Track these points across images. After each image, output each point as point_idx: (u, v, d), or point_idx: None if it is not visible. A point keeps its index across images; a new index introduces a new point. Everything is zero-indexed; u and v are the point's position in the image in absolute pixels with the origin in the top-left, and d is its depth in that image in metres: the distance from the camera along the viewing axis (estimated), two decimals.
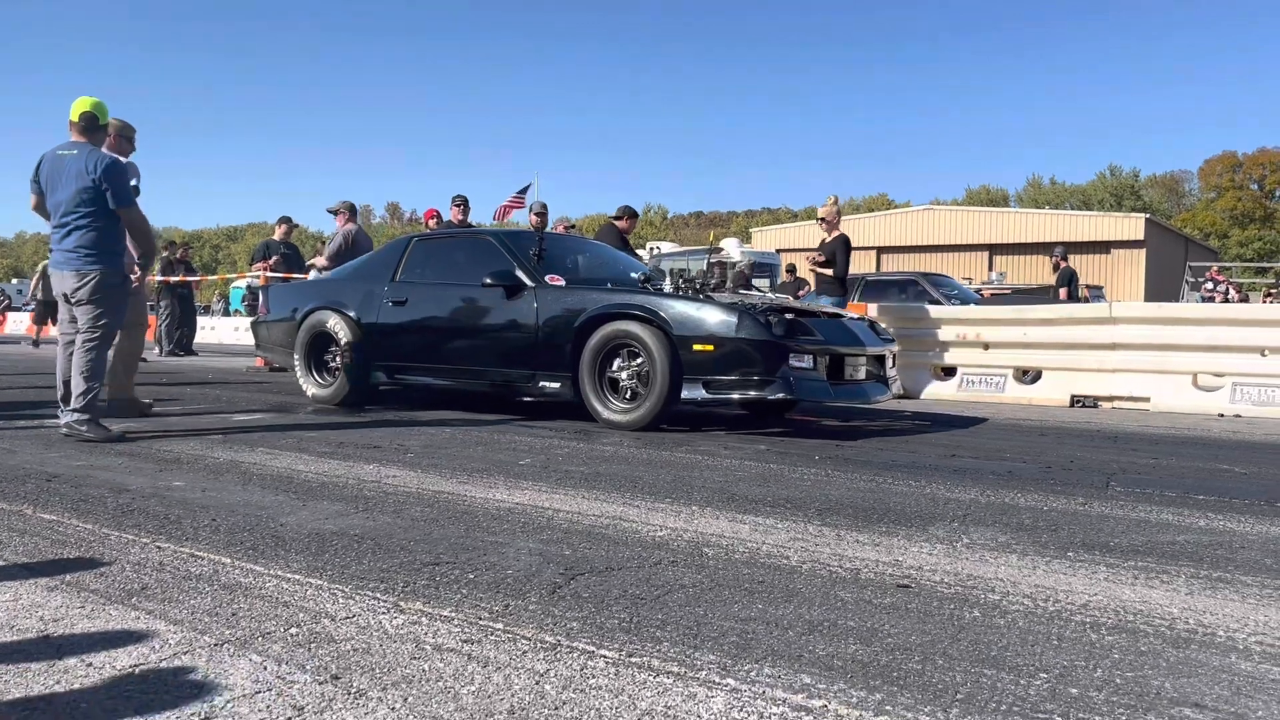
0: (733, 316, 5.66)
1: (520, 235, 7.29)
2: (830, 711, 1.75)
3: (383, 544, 2.94)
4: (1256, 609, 2.43)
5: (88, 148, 5.22)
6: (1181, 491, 4.14)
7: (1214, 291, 21.70)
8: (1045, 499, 3.90)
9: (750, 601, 2.41)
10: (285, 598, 2.38)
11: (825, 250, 9.05)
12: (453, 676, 1.89)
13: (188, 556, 2.77)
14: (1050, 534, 3.25)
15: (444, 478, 4.12)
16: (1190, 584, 2.65)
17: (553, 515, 3.40)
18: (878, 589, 2.55)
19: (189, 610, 2.27)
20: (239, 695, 1.78)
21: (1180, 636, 2.21)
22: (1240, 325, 8.23)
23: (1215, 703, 1.82)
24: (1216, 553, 3.02)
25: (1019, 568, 2.80)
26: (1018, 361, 9.22)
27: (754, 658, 2.01)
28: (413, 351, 6.93)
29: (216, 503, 3.53)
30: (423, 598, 2.40)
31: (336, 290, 7.44)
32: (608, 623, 2.22)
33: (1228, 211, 59.60)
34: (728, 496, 3.81)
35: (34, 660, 1.94)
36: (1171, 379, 8.42)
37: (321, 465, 4.40)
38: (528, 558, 2.80)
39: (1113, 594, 2.54)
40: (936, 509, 3.65)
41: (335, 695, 1.79)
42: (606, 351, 5.98)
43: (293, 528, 3.14)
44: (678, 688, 1.85)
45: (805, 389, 5.69)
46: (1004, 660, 2.03)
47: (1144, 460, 5.15)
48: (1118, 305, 8.90)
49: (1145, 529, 3.37)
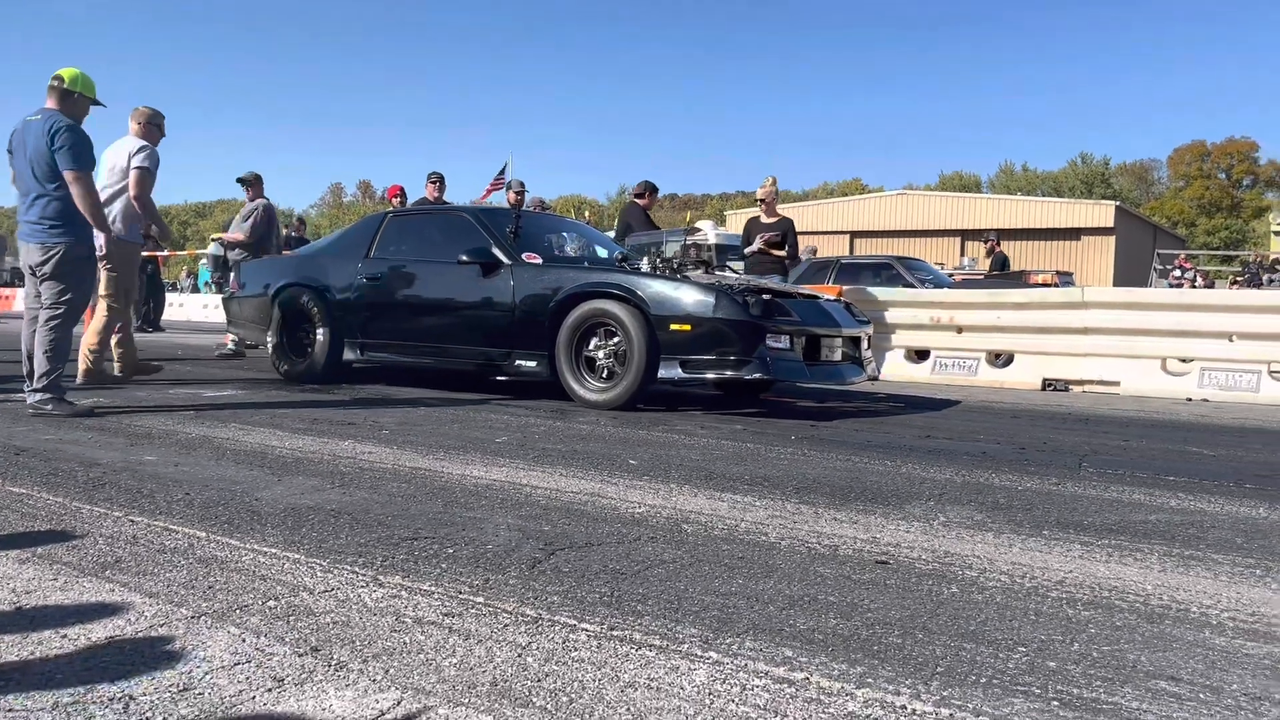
0: (710, 296, 5.65)
1: (497, 213, 7.25)
2: (812, 684, 1.76)
3: (360, 519, 2.92)
4: (1228, 586, 2.47)
5: (52, 113, 5.10)
6: (1152, 473, 4.19)
7: (1181, 279, 21.99)
8: (1019, 479, 3.94)
9: (730, 577, 2.42)
10: (262, 571, 2.36)
11: (777, 230, 8.94)
12: (434, 649, 1.88)
13: (161, 530, 2.73)
14: (1025, 513, 3.28)
15: (420, 454, 4.10)
16: (1163, 561, 2.69)
17: (531, 492, 3.39)
18: (856, 565, 2.56)
19: (164, 583, 2.25)
20: (218, 666, 1.76)
21: (1155, 612, 2.23)
22: (1208, 311, 8.33)
23: (1191, 676, 1.84)
24: (1188, 531, 3.07)
25: (995, 545, 2.82)
26: (991, 345, 9.29)
27: (735, 631, 2.02)
28: (387, 329, 6.88)
29: (189, 477, 3.49)
30: (402, 571, 2.38)
31: (310, 266, 7.36)
32: (589, 597, 2.22)
33: (1196, 200, 60.30)
34: (705, 475, 3.81)
35: (7, 631, 1.91)
36: (1141, 363, 8.51)
37: (296, 441, 4.36)
38: (507, 533, 2.79)
39: (1088, 571, 2.57)
40: (913, 488, 3.67)
41: (315, 667, 1.77)
42: (583, 330, 5.96)
43: (268, 502, 3.11)
44: (660, 660, 1.85)
45: (781, 369, 5.70)
46: (983, 634, 2.04)
47: (1115, 442, 5.21)
48: (1089, 290, 8.98)
49: (1118, 508, 3.41)
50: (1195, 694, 1.75)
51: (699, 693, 1.71)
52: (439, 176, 10.34)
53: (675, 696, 1.69)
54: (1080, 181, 61.83)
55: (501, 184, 17.85)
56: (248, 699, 1.63)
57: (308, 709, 1.60)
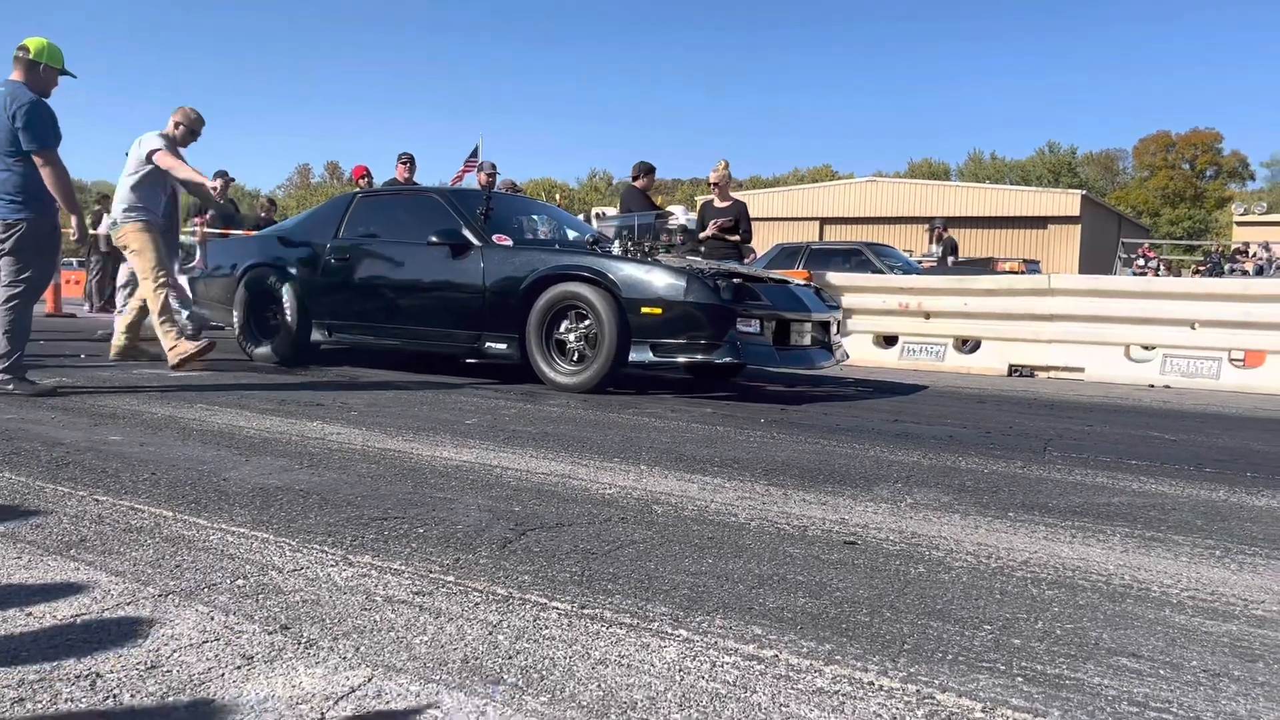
0: (681, 280, 5.66)
1: (467, 194, 7.20)
2: (781, 661, 1.77)
3: (329, 499, 2.90)
4: (1188, 566, 2.52)
5: (15, 86, 5.00)
6: (1115, 456, 4.25)
7: (1145, 268, 22.26)
8: (985, 462, 3.98)
9: (700, 557, 2.43)
10: (231, 550, 2.35)
11: (730, 215, 8.89)
12: (405, 627, 1.88)
13: (128, 509, 2.70)
14: (991, 495, 3.32)
15: (389, 435, 4.08)
16: (1125, 542, 2.73)
17: (501, 473, 3.38)
18: (825, 545, 2.59)
19: (131, 562, 2.23)
20: (186, 644, 1.75)
21: (1117, 591, 2.27)
22: (1171, 299, 8.46)
23: (1151, 653, 1.88)
24: (1149, 513, 3.12)
25: (962, 526, 2.86)
26: (958, 331, 9.38)
27: (705, 610, 2.03)
28: (356, 310, 6.83)
29: (156, 457, 3.45)
30: (372, 551, 2.38)
31: (277, 247, 7.28)
32: (559, 576, 2.22)
33: (1160, 190, 61.06)
34: (676, 457, 3.83)
35: None
36: (1105, 350, 8.63)
37: (264, 422, 4.32)
38: (477, 513, 2.78)
39: (1052, 551, 2.61)
40: (881, 471, 3.70)
41: (285, 645, 1.77)
42: (554, 313, 5.95)
43: (236, 482, 3.09)
44: (631, 638, 1.86)
45: (752, 353, 5.72)
46: (949, 613, 2.07)
47: (1079, 427, 5.28)
48: (1056, 277, 9.08)
49: (1081, 491, 3.46)
50: (1155, 670, 1.79)
51: (669, 669, 1.72)
52: (409, 157, 10.25)
53: (646, 673, 1.70)
54: (1047, 170, 62.43)
55: (474, 166, 17.72)
56: (216, 676, 1.62)
57: (277, 686, 1.59)
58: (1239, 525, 3.01)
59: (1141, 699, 1.66)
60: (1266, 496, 3.49)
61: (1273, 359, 7.97)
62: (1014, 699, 1.64)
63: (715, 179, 9.00)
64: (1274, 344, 7.94)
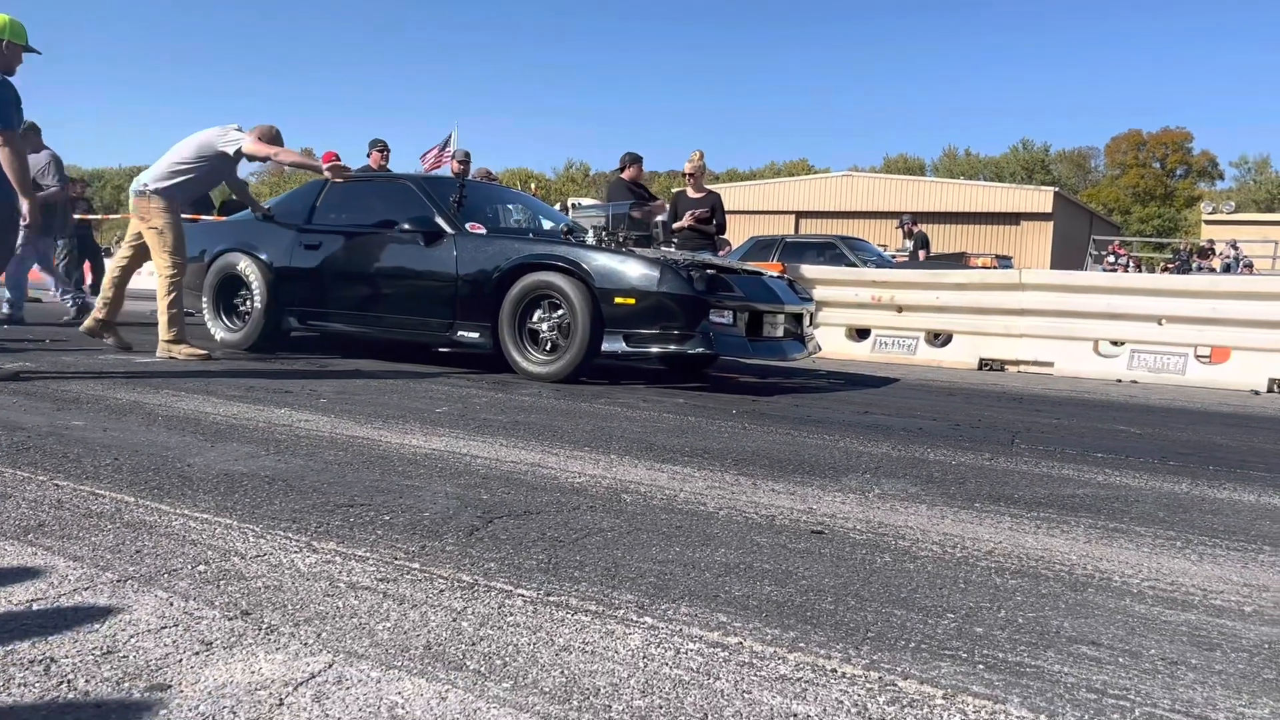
0: (655, 270, 5.65)
1: (441, 181, 7.16)
2: (746, 648, 1.78)
3: (295, 485, 2.87)
4: (1149, 556, 2.54)
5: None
6: (1081, 449, 4.29)
7: (1116, 265, 22.49)
8: (953, 454, 4.01)
9: (668, 545, 2.43)
10: (193, 536, 2.32)
11: (705, 205, 8.82)
12: (368, 613, 1.86)
13: (88, 494, 2.67)
14: (958, 486, 3.34)
15: (358, 423, 4.05)
16: (1088, 533, 2.76)
17: (470, 461, 3.37)
18: (792, 534, 2.59)
19: (90, 547, 2.19)
20: (144, 630, 1.72)
21: (1078, 581, 2.29)
22: (1139, 295, 8.55)
23: (1111, 641, 1.90)
24: (1113, 505, 3.15)
25: (928, 517, 2.87)
26: (930, 325, 9.44)
27: (671, 597, 2.03)
28: (326, 297, 6.77)
29: (119, 442, 3.41)
30: (336, 538, 2.36)
31: (247, 232, 7.20)
32: (526, 563, 2.22)
33: (1131, 188, 61.67)
34: (646, 446, 3.82)
35: None
36: (1074, 345, 8.71)
37: (230, 408, 4.28)
38: (445, 501, 2.77)
39: (1016, 542, 2.63)
40: (849, 461, 3.72)
41: (245, 630, 1.75)
42: (527, 302, 5.93)
43: (200, 468, 3.05)
44: (596, 625, 1.86)
45: (725, 345, 5.73)
46: (913, 601, 2.08)
47: (1047, 420, 5.32)
48: (1027, 272, 9.16)
49: (1047, 483, 3.49)
50: (1115, 658, 1.81)
51: (633, 656, 1.71)
52: (383, 144, 10.17)
53: (610, 660, 1.69)
54: (1021, 167, 62.96)
55: (448, 155, 17.60)
56: (174, 662, 1.60)
57: (236, 672, 1.57)
58: (1200, 517, 3.05)
59: (1100, 686, 1.67)
60: (1228, 489, 3.54)
61: (1238, 355, 8.08)
62: (975, 686, 1.65)
63: (690, 169, 8.95)
64: (1239, 340, 8.04)
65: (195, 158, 6.27)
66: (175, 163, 6.27)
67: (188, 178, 6.27)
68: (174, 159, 6.29)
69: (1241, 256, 22.94)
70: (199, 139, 6.34)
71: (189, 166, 6.26)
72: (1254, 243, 25.05)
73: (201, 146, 6.29)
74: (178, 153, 6.32)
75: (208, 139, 6.31)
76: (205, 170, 6.32)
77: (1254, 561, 2.55)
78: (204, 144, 6.30)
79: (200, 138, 6.34)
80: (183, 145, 6.36)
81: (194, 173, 6.28)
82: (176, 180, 6.22)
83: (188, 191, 6.36)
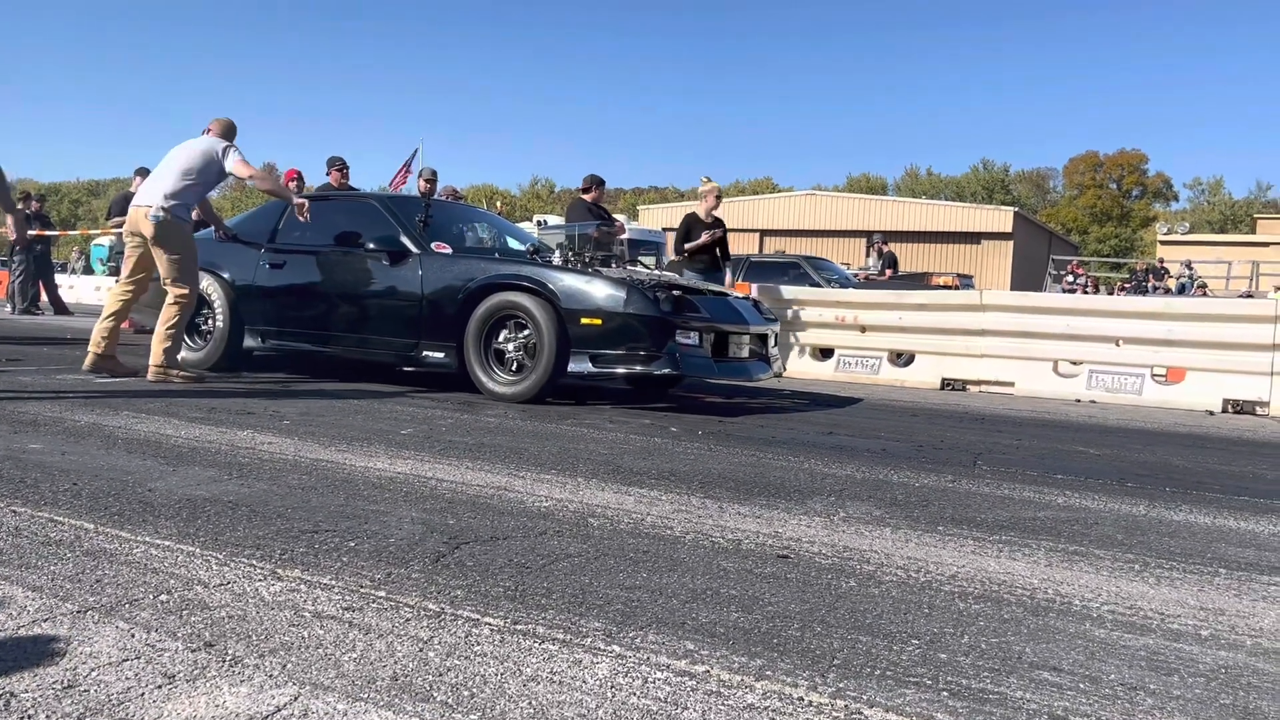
0: (621, 291, 5.67)
1: (406, 201, 7.14)
2: (713, 676, 1.78)
3: (259, 511, 2.85)
4: (1109, 580, 2.58)
5: None
6: (1042, 471, 4.36)
7: (1074, 284, 22.84)
8: (917, 476, 4.05)
9: (635, 571, 2.43)
10: (154, 564, 2.29)
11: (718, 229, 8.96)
12: (333, 644, 1.85)
13: (46, 521, 2.63)
14: (921, 509, 3.38)
15: (322, 445, 4.02)
16: (1049, 557, 2.80)
17: (436, 485, 3.35)
18: (759, 559, 2.61)
19: (49, 576, 2.16)
20: (105, 663, 1.70)
21: (1040, 605, 2.33)
22: (1097, 316, 8.69)
23: (1072, 666, 1.93)
24: (1073, 528, 3.20)
25: (892, 540, 2.90)
26: (893, 345, 9.53)
27: (639, 625, 2.03)
28: (290, 317, 6.72)
29: (78, 467, 3.36)
30: (301, 565, 2.34)
31: (210, 250, 7.11)
32: (493, 591, 2.21)
33: (1088, 208, 62.73)
34: (613, 469, 3.83)
35: None
36: (1034, 365, 8.83)
37: (192, 430, 4.23)
38: (410, 526, 2.76)
39: (979, 565, 2.66)
40: (815, 484, 3.74)
41: (209, 662, 1.73)
42: (493, 322, 5.92)
43: (162, 493, 3.01)
44: (564, 654, 1.86)
45: (691, 365, 5.75)
46: (878, 627, 2.10)
47: (1008, 441, 5.39)
48: (988, 293, 9.28)
49: (1009, 505, 3.53)
50: (1075, 684, 1.84)
51: (601, 686, 1.72)
52: (342, 162, 10.09)
53: (578, 690, 1.70)
54: (981, 187, 63.83)
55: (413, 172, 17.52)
56: (136, 696, 1.58)
57: (200, 706, 1.56)
58: (1158, 539, 3.10)
59: (1061, 713, 1.70)
60: (1184, 511, 3.60)
61: (1193, 376, 8.23)
62: (939, 714, 1.67)
63: (708, 190, 9.04)
64: (1194, 361, 8.19)
65: (203, 166, 6.12)
66: (185, 171, 6.06)
67: (199, 189, 6.16)
68: (182, 167, 6.07)
69: (1195, 277, 23.41)
70: (200, 148, 6.17)
71: (198, 177, 6.11)
72: (1208, 263, 25.59)
73: (206, 156, 6.14)
74: (184, 161, 6.11)
75: (209, 148, 6.16)
76: (207, 181, 6.21)
77: (1209, 585, 2.60)
78: (207, 153, 6.15)
79: (202, 146, 6.18)
80: (186, 154, 6.15)
81: (202, 183, 6.16)
82: (190, 193, 6.07)
83: (193, 205, 6.21)
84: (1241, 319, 8.20)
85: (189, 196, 6.11)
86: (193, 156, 6.14)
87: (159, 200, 6.00)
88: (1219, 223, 57.41)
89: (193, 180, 6.10)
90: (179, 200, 6.04)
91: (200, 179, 6.15)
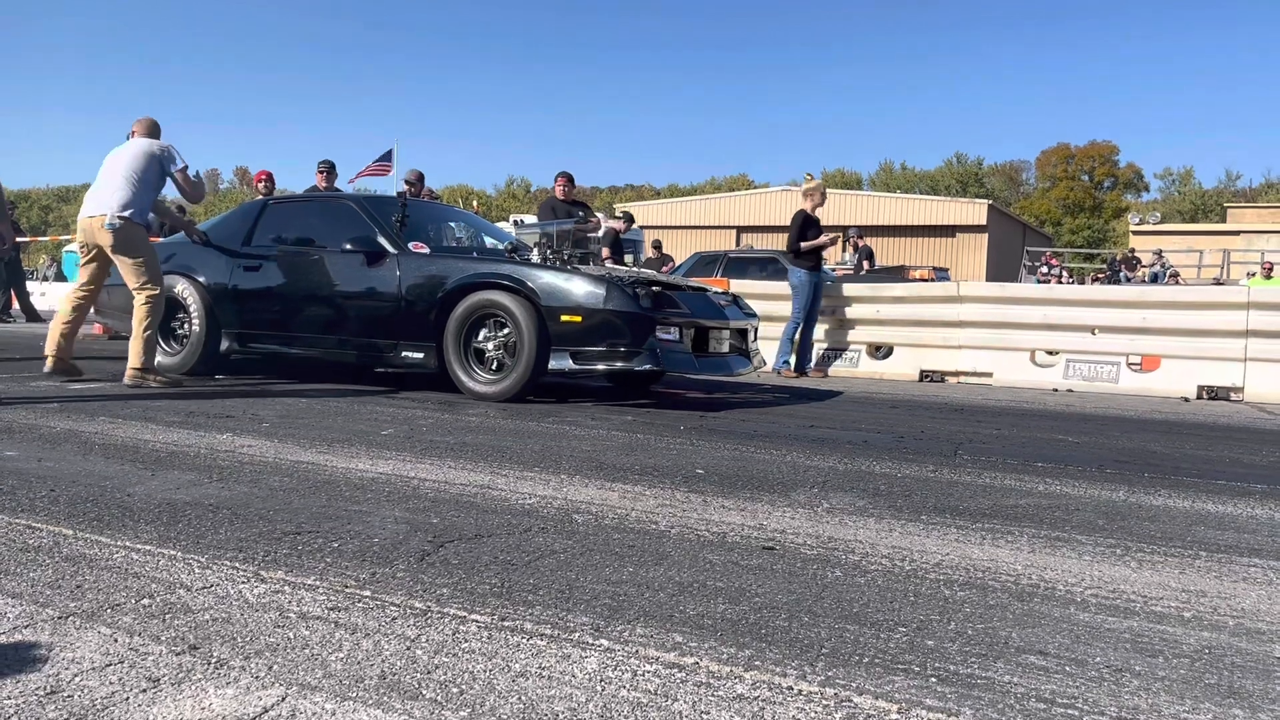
0: (601, 288, 5.66)
1: (383, 201, 7.10)
2: (702, 668, 1.78)
3: (240, 513, 2.82)
4: (1091, 565, 2.60)
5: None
6: (1023, 459, 4.38)
7: (1049, 275, 23.01)
8: (899, 466, 4.07)
9: (621, 565, 2.43)
10: (135, 569, 2.27)
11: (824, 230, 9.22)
12: (320, 644, 1.84)
13: (24, 528, 2.59)
14: (904, 499, 3.39)
15: (303, 447, 3.99)
16: (1032, 543, 2.82)
17: (419, 484, 3.34)
18: (744, 551, 2.61)
19: (28, 583, 2.13)
20: (88, 668, 1.68)
21: (1025, 591, 2.34)
22: (1073, 305, 8.77)
23: (1058, 650, 1.94)
24: (1055, 514, 3.22)
25: (877, 530, 2.91)
26: (871, 338, 9.57)
27: (626, 619, 2.03)
28: (267, 319, 6.67)
29: (55, 473, 3.32)
30: (285, 566, 2.32)
31: (185, 254, 7.06)
32: (479, 588, 2.20)
33: (1061, 200, 63.19)
34: (596, 465, 3.82)
35: None
36: (1012, 355, 8.90)
37: (170, 435, 4.19)
38: (394, 526, 2.74)
39: (963, 553, 2.67)
40: (798, 476, 3.75)
41: (194, 665, 1.71)
42: (473, 321, 5.90)
43: (141, 498, 2.98)
44: (552, 649, 1.85)
45: (671, 361, 5.75)
46: (865, 616, 2.11)
47: (988, 431, 5.43)
48: (964, 285, 9.34)
49: (991, 493, 3.55)
50: (1062, 667, 1.85)
51: (590, 680, 1.71)
52: (329, 165, 10.05)
53: (567, 684, 1.69)
54: (956, 180, 64.18)
55: (386, 169, 17.38)
56: (120, 700, 1.56)
57: (186, 709, 1.54)
58: (1138, 524, 3.13)
59: (1049, 695, 1.71)
60: (1163, 496, 3.64)
61: (1168, 363, 8.31)
62: (928, 699, 1.67)
63: (814, 188, 9.26)
64: (1169, 349, 8.28)
65: (145, 167, 6.05)
66: (129, 176, 5.98)
67: (150, 197, 6.09)
68: (124, 173, 5.99)
69: (1167, 265, 23.63)
70: (139, 150, 6.08)
71: (144, 180, 6.03)
72: (1179, 252, 25.86)
73: (147, 157, 6.06)
74: (127, 166, 6.03)
75: (147, 149, 6.08)
76: (152, 182, 6.11)
77: (1190, 567, 2.63)
78: (148, 154, 6.07)
79: (140, 148, 6.09)
80: (127, 159, 6.06)
81: (149, 184, 6.07)
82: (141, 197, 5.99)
83: (148, 208, 6.13)
84: (1214, 306, 8.29)
85: (141, 201, 6.05)
86: (135, 159, 6.08)
87: (113, 208, 5.94)
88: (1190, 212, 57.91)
89: (139, 184, 6.04)
90: (133, 206, 5.99)
91: (145, 181, 6.09)
